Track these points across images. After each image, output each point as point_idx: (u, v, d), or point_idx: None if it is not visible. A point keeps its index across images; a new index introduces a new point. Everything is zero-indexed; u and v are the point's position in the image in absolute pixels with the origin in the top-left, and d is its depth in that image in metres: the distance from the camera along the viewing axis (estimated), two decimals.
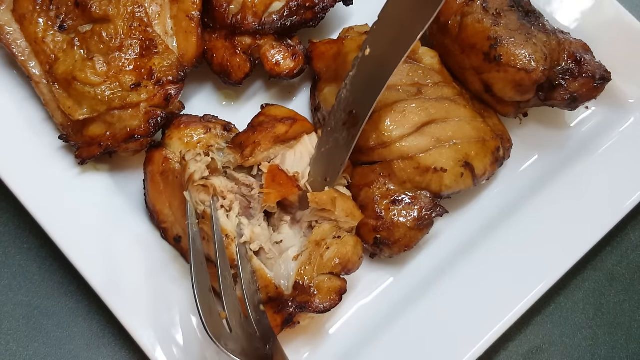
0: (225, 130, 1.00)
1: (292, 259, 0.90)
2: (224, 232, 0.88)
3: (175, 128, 0.99)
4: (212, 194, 0.90)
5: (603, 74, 1.01)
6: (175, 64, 0.99)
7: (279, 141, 0.95)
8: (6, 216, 1.09)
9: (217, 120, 1.02)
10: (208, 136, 0.98)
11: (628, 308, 1.09)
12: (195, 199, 0.90)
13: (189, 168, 0.91)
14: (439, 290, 0.99)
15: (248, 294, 0.87)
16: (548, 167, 1.09)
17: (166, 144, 0.99)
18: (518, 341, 1.06)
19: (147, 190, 1.00)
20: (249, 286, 0.88)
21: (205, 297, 0.82)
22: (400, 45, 0.86)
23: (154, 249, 0.99)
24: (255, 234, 0.90)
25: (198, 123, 1.00)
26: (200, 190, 0.90)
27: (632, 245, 1.13)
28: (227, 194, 0.91)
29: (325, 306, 0.88)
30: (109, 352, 1.02)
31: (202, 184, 0.90)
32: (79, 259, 0.95)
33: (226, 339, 0.80)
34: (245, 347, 0.82)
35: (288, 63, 1.04)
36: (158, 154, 0.98)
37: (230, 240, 0.88)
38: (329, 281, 0.89)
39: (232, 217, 0.90)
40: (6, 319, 1.04)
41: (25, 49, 1.01)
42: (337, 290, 0.89)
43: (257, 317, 0.87)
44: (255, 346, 0.83)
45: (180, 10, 1.01)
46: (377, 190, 0.97)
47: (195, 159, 0.92)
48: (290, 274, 0.89)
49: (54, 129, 1.03)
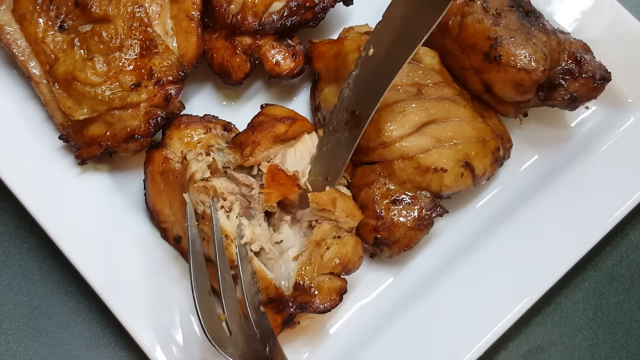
0: (225, 130, 1.00)
1: (292, 259, 0.90)
2: (224, 233, 0.88)
3: (175, 128, 0.99)
4: (212, 196, 0.90)
5: (603, 74, 1.01)
6: (175, 64, 0.99)
7: (278, 141, 0.95)
8: (6, 216, 1.09)
9: (217, 120, 1.02)
10: (208, 136, 0.98)
11: (628, 308, 1.09)
12: (196, 199, 0.90)
13: (190, 167, 0.91)
14: (439, 290, 0.99)
15: (248, 295, 0.87)
16: (548, 167, 1.09)
17: (166, 144, 0.99)
18: (518, 341, 1.06)
19: (147, 190, 1.00)
20: (249, 287, 0.88)
21: (205, 300, 0.82)
22: (405, 47, 0.85)
23: (154, 249, 0.99)
24: (255, 235, 0.90)
25: (198, 123, 1.00)
26: (200, 191, 0.90)
27: (632, 245, 1.13)
28: (228, 195, 0.91)
29: (326, 306, 0.88)
30: (109, 352, 1.02)
31: (203, 185, 0.90)
32: (79, 259, 0.95)
33: (226, 342, 0.80)
34: (245, 349, 0.82)
35: (288, 63, 1.04)
36: (158, 154, 0.98)
37: (230, 240, 0.88)
38: (329, 281, 0.89)
39: (232, 217, 0.90)
40: (6, 319, 1.04)
41: (25, 49, 1.01)
42: (337, 290, 0.89)
43: (257, 318, 0.86)
44: (255, 348, 0.83)
45: (180, 10, 1.01)
46: (377, 190, 0.97)
47: (197, 159, 0.91)
48: (290, 275, 0.89)
49: (54, 129, 1.03)
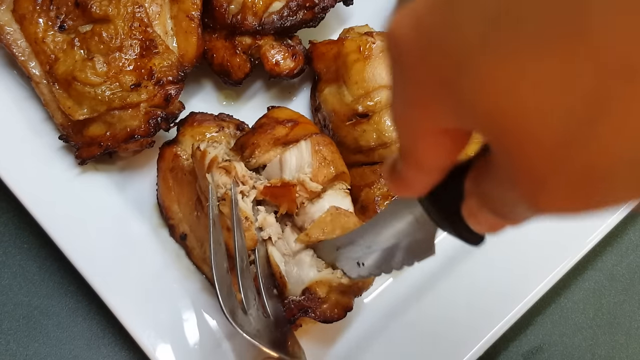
0: (238, 129, 1.00)
1: (309, 263, 0.88)
2: (244, 215, 0.87)
3: (189, 125, 1.00)
4: (233, 177, 0.89)
5: None
6: (175, 64, 0.99)
7: (279, 143, 0.93)
8: (6, 216, 1.09)
9: (231, 119, 1.02)
10: (220, 134, 0.98)
11: (628, 308, 1.09)
12: (218, 181, 0.89)
13: (209, 153, 0.90)
14: (438, 291, 0.99)
15: (262, 277, 0.87)
16: None
17: (179, 141, 1.00)
18: (518, 341, 1.06)
19: (159, 186, 1.01)
20: (264, 269, 0.87)
21: (223, 277, 0.82)
22: None
23: (155, 249, 0.99)
24: (267, 222, 0.90)
25: (212, 121, 1.00)
26: (222, 172, 0.89)
27: (632, 245, 1.13)
28: (247, 179, 0.90)
29: (328, 317, 0.88)
30: (109, 352, 1.02)
31: (226, 166, 0.89)
32: (79, 259, 0.95)
33: (242, 320, 0.81)
34: (260, 329, 0.82)
35: (288, 63, 1.04)
36: (169, 151, 0.99)
37: (250, 222, 0.87)
38: (339, 295, 0.89)
39: (247, 202, 0.89)
40: (6, 319, 1.04)
41: (25, 49, 1.01)
42: (344, 306, 0.89)
43: (271, 301, 0.87)
44: (270, 329, 0.84)
45: (180, 10, 1.01)
46: (377, 190, 0.97)
47: (213, 146, 0.91)
48: (303, 281, 0.88)
49: (54, 129, 1.03)
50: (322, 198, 0.91)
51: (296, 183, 0.90)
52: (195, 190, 0.97)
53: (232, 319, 0.79)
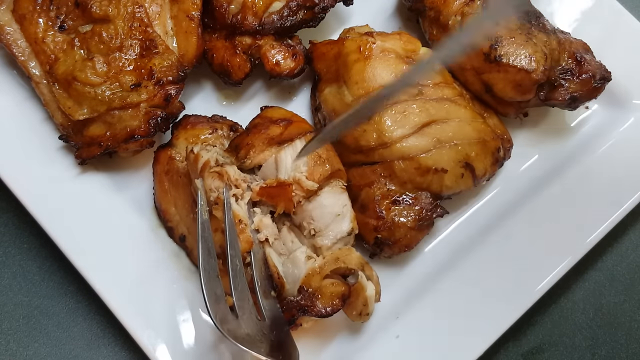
0: (231, 130, 1.00)
1: (303, 260, 0.89)
2: (237, 218, 0.88)
3: (182, 128, 1.00)
4: (225, 181, 0.89)
5: (603, 74, 1.01)
6: (175, 64, 0.99)
7: (274, 143, 0.93)
8: (6, 216, 1.09)
9: (225, 121, 1.02)
10: (214, 136, 0.98)
11: (628, 308, 1.09)
12: (210, 185, 0.89)
13: (202, 157, 0.90)
14: (438, 291, 0.99)
15: (259, 279, 0.87)
16: (548, 167, 1.09)
17: (173, 144, 1.00)
18: (518, 341, 1.06)
19: (155, 189, 1.01)
20: (260, 271, 0.87)
21: (212, 282, 0.82)
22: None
23: (154, 249, 0.99)
24: (263, 223, 0.90)
25: (205, 123, 1.00)
26: (214, 177, 0.89)
27: (632, 245, 1.13)
28: (240, 182, 0.90)
29: (327, 311, 0.88)
30: (109, 352, 1.02)
31: (218, 170, 0.89)
32: (79, 259, 0.95)
33: (230, 324, 0.80)
34: (252, 333, 0.82)
35: (288, 63, 1.04)
36: (164, 154, 0.99)
37: (244, 225, 0.87)
38: (332, 286, 0.89)
39: (242, 205, 0.90)
40: (6, 319, 1.04)
41: (25, 49, 1.01)
42: (340, 295, 0.89)
43: (268, 303, 0.87)
44: (263, 332, 0.84)
45: (180, 10, 1.01)
46: (377, 190, 0.97)
47: (206, 149, 0.91)
48: (297, 277, 0.88)
49: (54, 129, 1.03)
50: (319, 195, 0.92)
51: (292, 182, 0.91)
52: (191, 192, 0.97)
53: (220, 324, 0.79)
